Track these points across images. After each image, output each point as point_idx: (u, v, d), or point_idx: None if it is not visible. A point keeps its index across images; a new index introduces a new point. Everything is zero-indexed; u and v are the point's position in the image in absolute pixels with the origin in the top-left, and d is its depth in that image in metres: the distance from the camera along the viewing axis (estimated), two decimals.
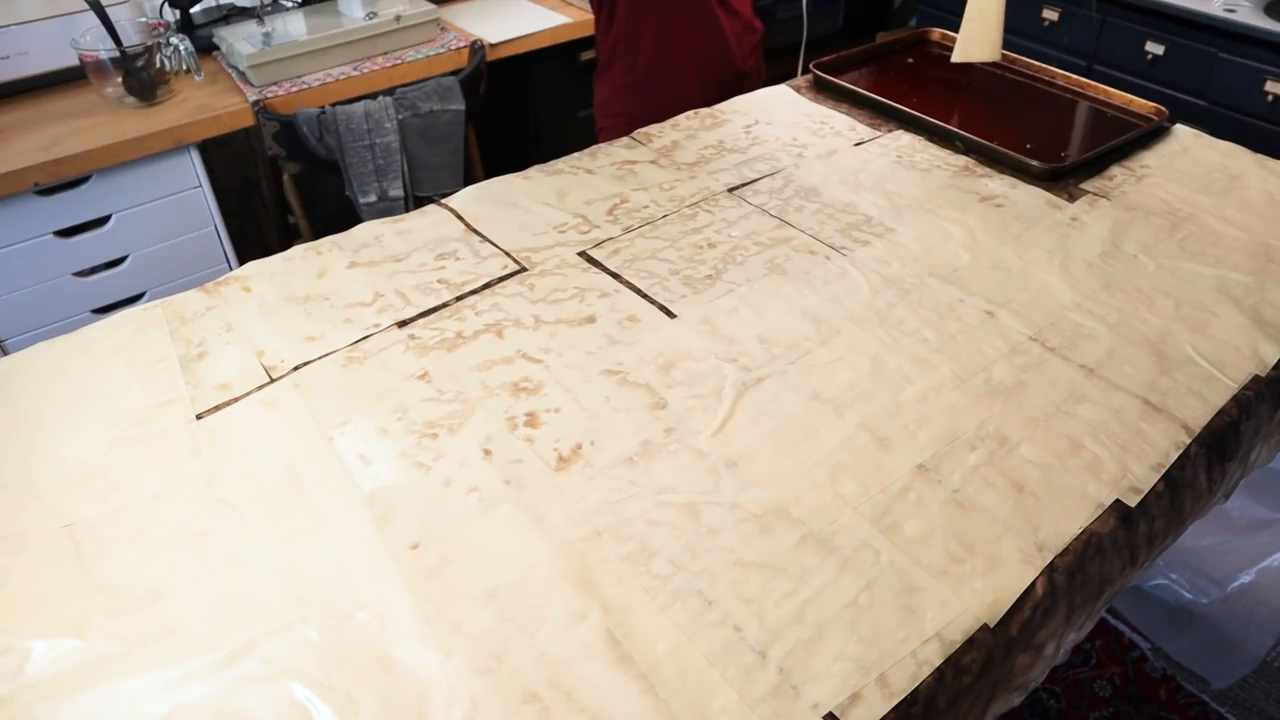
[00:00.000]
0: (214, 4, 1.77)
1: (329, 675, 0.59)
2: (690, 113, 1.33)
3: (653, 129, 1.29)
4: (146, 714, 0.57)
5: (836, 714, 0.57)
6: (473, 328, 0.90)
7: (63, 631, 0.62)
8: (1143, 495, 0.73)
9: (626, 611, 0.63)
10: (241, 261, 1.48)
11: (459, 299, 0.94)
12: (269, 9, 1.69)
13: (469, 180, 1.61)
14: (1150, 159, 1.22)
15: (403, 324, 0.90)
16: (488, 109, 1.87)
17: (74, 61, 1.54)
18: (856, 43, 1.54)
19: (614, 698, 0.58)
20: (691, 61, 1.55)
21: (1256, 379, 0.85)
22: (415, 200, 1.68)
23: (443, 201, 1.11)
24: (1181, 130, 1.29)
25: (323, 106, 1.58)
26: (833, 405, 0.80)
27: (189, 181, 1.56)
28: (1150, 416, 0.80)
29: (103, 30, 1.48)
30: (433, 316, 0.91)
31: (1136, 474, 0.75)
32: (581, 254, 1.01)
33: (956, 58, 1.30)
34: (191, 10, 1.73)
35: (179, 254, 1.61)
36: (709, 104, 1.37)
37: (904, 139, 1.27)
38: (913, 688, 0.59)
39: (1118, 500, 0.72)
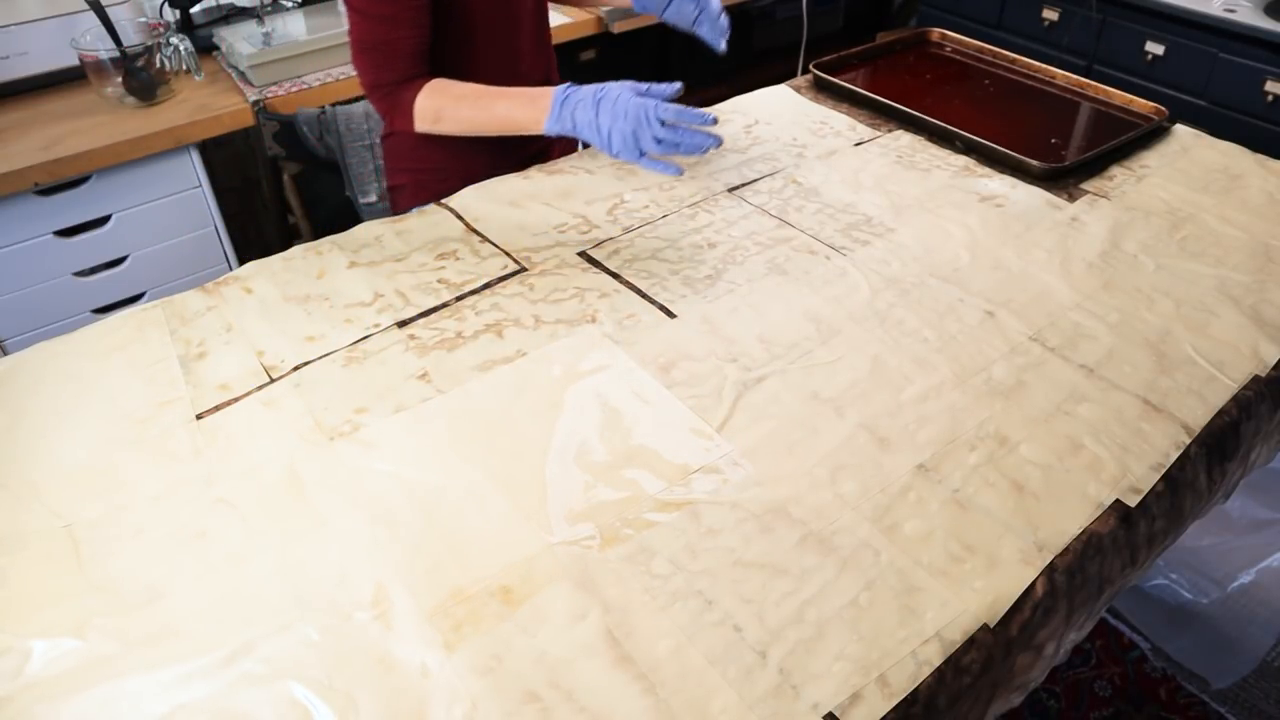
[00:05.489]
0: (214, 4, 1.77)
1: (329, 675, 0.59)
2: None
3: None
4: (146, 714, 0.57)
5: (836, 714, 0.57)
6: (473, 328, 0.90)
7: (63, 631, 0.62)
8: (1143, 495, 0.73)
9: (626, 611, 0.63)
10: (241, 261, 1.48)
11: (459, 299, 0.94)
12: (269, 9, 1.69)
13: None
14: (1150, 159, 1.22)
15: (403, 324, 0.90)
16: None
17: (74, 61, 1.54)
18: (856, 43, 1.54)
19: (614, 698, 0.58)
20: None
21: (1256, 379, 0.85)
22: None
23: (442, 201, 1.11)
24: (1181, 130, 1.29)
25: (323, 106, 1.58)
26: (833, 405, 0.80)
27: (189, 181, 1.56)
28: (1150, 416, 0.80)
29: (103, 30, 1.48)
30: (433, 316, 0.91)
31: (1136, 474, 0.75)
32: (581, 254, 1.01)
33: None
34: (191, 10, 1.72)
35: (179, 254, 1.61)
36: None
37: (904, 139, 1.27)
38: (913, 688, 0.59)
39: (1118, 500, 0.72)
